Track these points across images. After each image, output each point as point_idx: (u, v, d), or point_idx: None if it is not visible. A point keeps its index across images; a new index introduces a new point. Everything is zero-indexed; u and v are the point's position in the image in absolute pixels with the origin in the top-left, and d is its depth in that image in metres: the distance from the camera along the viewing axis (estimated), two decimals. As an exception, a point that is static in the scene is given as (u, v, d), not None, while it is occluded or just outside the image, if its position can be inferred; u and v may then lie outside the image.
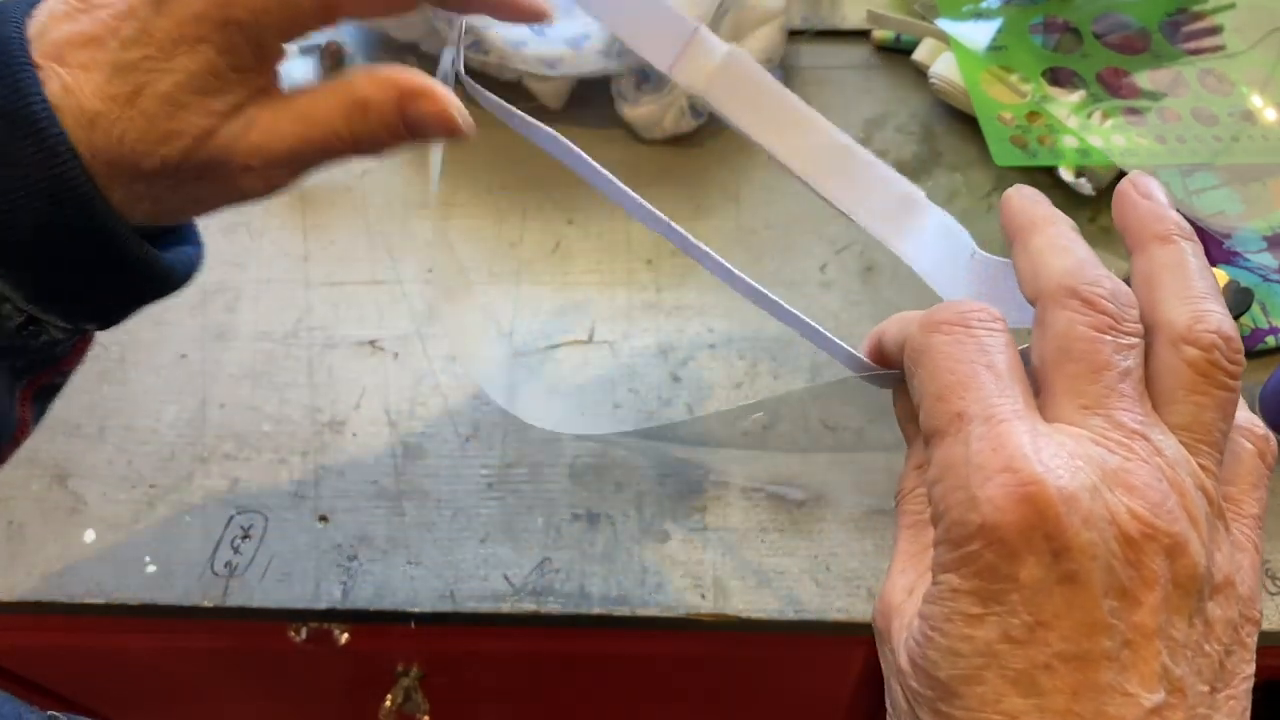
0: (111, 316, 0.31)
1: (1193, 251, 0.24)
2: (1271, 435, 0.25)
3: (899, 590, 0.24)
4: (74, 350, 0.33)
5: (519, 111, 0.32)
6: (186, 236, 0.33)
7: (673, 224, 0.31)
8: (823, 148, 0.35)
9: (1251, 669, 0.22)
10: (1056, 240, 0.25)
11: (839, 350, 0.29)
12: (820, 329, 0.29)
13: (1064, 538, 0.20)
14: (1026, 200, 0.27)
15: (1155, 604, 0.20)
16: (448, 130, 0.29)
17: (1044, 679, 0.20)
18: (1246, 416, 0.24)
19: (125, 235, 0.27)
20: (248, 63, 0.26)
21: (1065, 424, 0.22)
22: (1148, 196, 0.26)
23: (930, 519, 0.23)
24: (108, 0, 0.26)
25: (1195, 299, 0.23)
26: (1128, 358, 0.22)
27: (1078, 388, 0.22)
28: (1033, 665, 0.20)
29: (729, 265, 0.30)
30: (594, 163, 0.31)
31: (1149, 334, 0.23)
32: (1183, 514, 0.21)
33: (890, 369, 0.28)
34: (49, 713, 0.29)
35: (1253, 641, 0.22)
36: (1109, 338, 0.22)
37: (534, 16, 0.32)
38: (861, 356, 0.29)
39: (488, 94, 0.32)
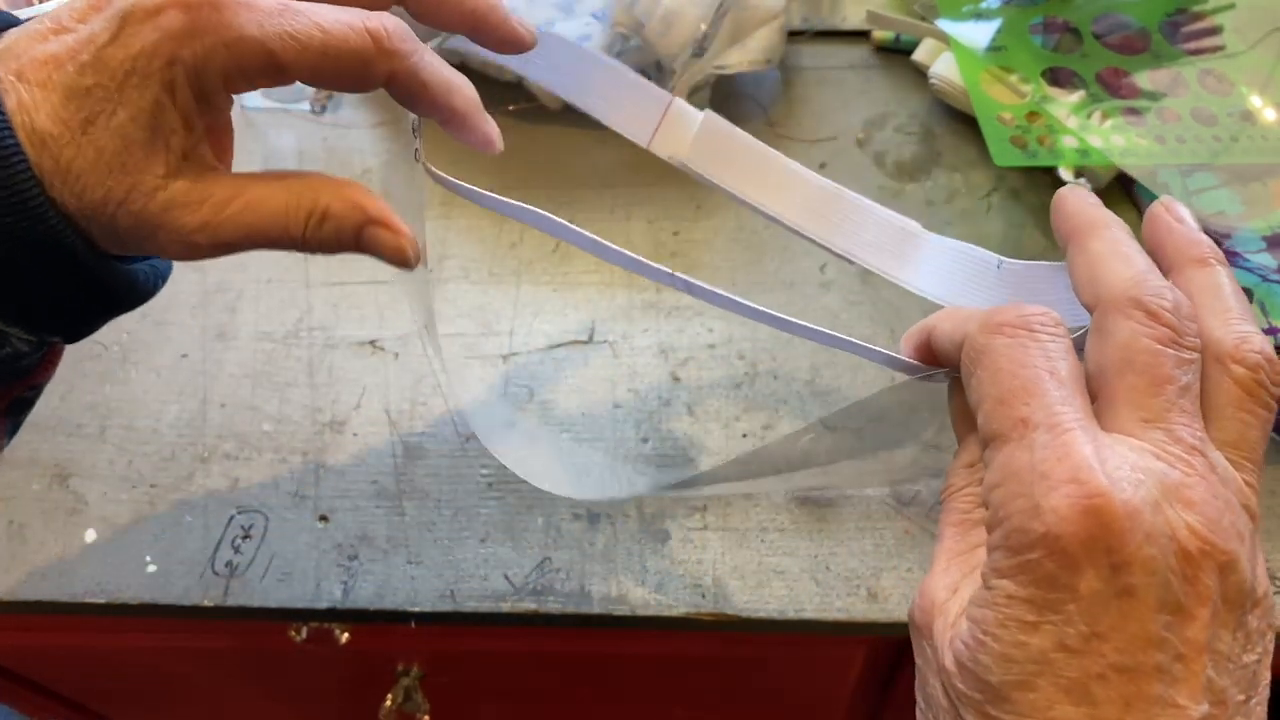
0: (76, 328, 0.31)
1: (1228, 275, 0.25)
2: (1260, 355, 0.25)
3: (942, 588, 0.24)
4: (43, 363, 0.33)
5: (491, 194, 0.32)
6: None
7: (691, 281, 0.31)
8: (811, 196, 0.35)
9: (1268, 676, 0.22)
10: (1117, 246, 0.25)
11: (881, 357, 0.29)
12: (859, 342, 0.30)
13: (1125, 552, 0.20)
14: (1082, 202, 0.27)
15: (1206, 619, 0.21)
16: (399, 262, 0.31)
17: (1097, 689, 0.20)
18: (1235, 332, 0.25)
19: (79, 247, 0.27)
20: (190, 110, 0.26)
21: (1125, 435, 0.22)
22: (1181, 221, 0.26)
23: (984, 521, 0.23)
24: (74, 26, 0.26)
25: (1237, 321, 0.24)
26: (1188, 373, 0.23)
27: (1139, 400, 0.22)
28: (1086, 675, 0.20)
29: (753, 305, 0.31)
30: (581, 231, 0.31)
31: (1205, 346, 0.24)
32: (1234, 531, 0.21)
33: (937, 366, 0.28)
34: None
35: (1271, 652, 0.23)
36: (1172, 351, 0.22)
37: (515, 46, 0.32)
38: (904, 359, 0.29)
39: (453, 181, 0.32)
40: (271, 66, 0.26)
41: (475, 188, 0.32)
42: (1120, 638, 0.20)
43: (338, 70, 0.27)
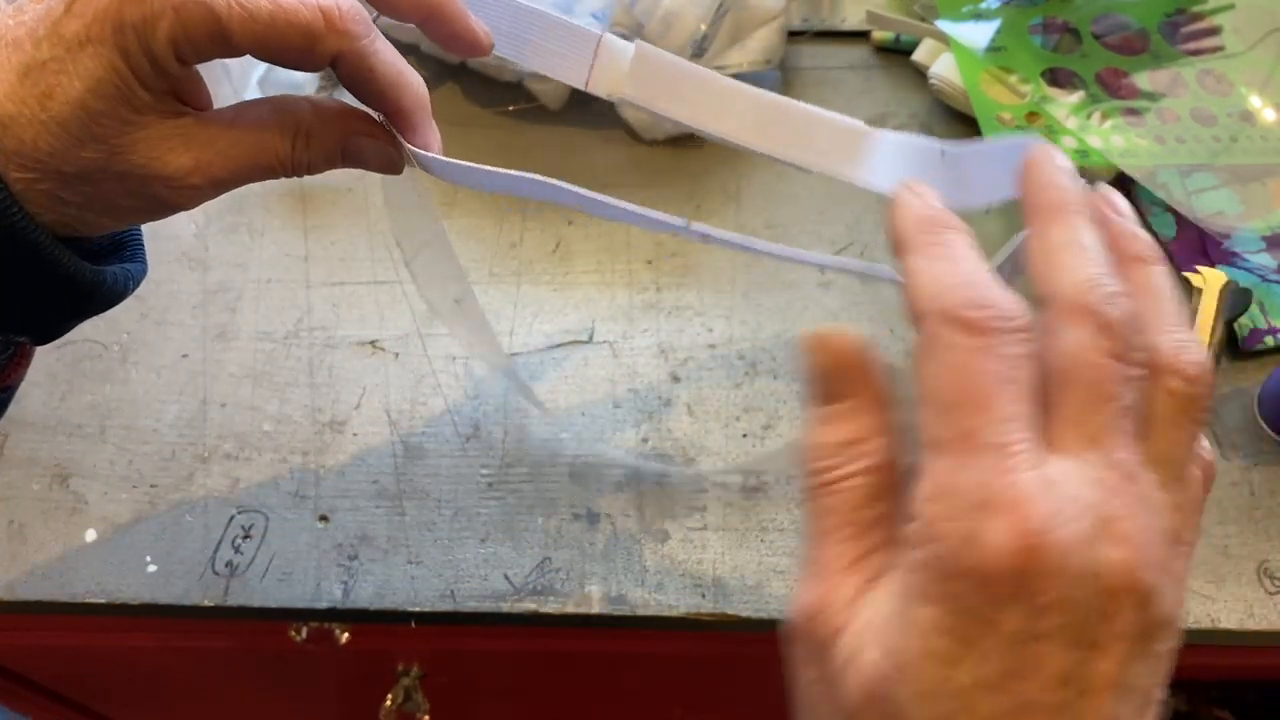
0: (43, 328, 0.31)
1: (1167, 276, 0.24)
2: (1201, 368, 0.23)
3: (840, 600, 0.22)
4: (12, 364, 0.33)
5: (480, 166, 0.31)
6: (133, 254, 0.33)
7: (690, 223, 0.31)
8: (754, 110, 0.35)
9: (1162, 692, 0.22)
10: (1077, 238, 0.23)
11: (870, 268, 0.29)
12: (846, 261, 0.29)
13: (1051, 594, 0.20)
14: (1052, 173, 0.24)
15: (1120, 656, 0.20)
16: (387, 168, 0.31)
17: None
18: (1174, 344, 0.23)
19: (45, 243, 0.27)
20: (149, 75, 0.26)
21: (1066, 452, 0.21)
22: (1120, 214, 0.25)
23: (903, 533, 0.22)
24: (33, 7, 0.26)
25: (1174, 328, 0.23)
26: (1132, 391, 0.21)
27: (1081, 416, 0.21)
28: (998, 712, 0.20)
29: (772, 245, 0.30)
30: (571, 187, 0.31)
31: None
32: (1159, 563, 0.21)
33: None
34: None
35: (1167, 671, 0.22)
36: (1119, 367, 0.21)
37: (469, 47, 0.32)
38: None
39: (441, 159, 0.32)
40: (218, 33, 0.26)
41: (463, 162, 0.31)
42: (1037, 677, 0.20)
43: (284, 43, 0.27)
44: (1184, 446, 0.22)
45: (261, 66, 0.59)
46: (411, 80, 0.30)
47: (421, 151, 0.31)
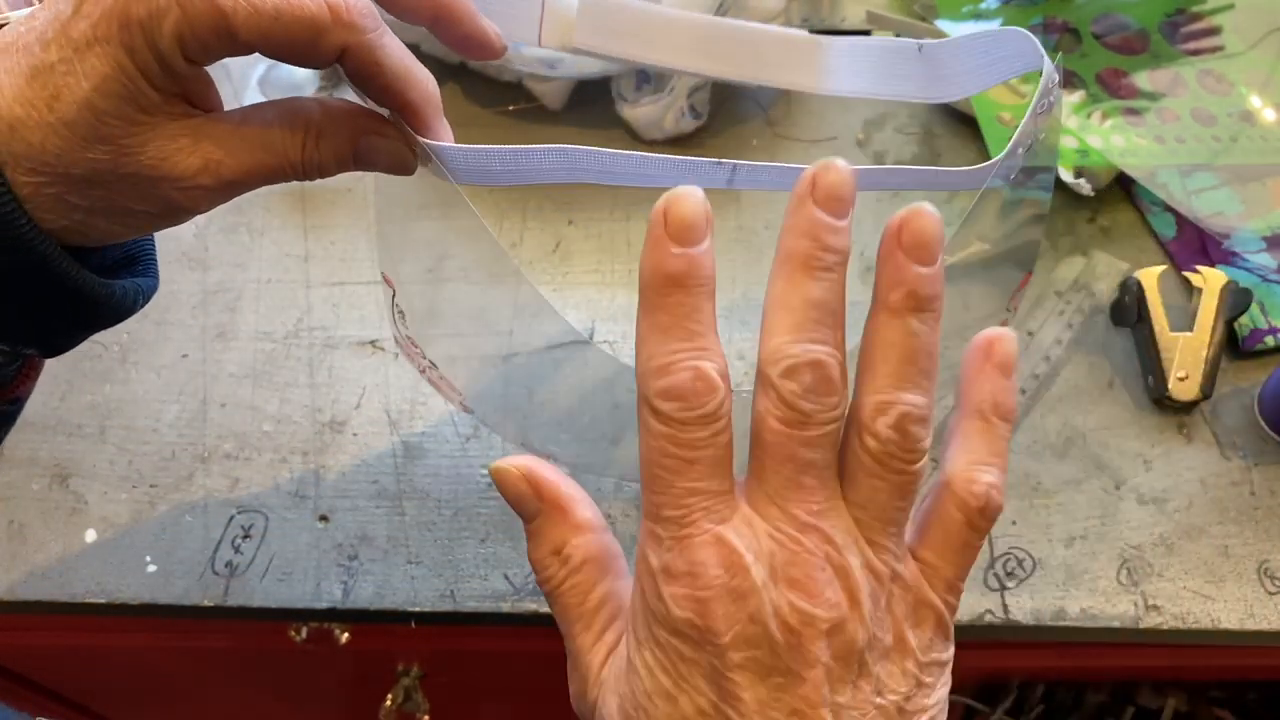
0: (51, 340, 0.31)
1: (918, 326, 0.24)
2: (991, 500, 0.25)
3: (594, 681, 0.26)
4: (20, 376, 0.32)
5: (495, 147, 0.30)
6: (146, 269, 0.33)
7: (738, 163, 0.30)
8: (703, 36, 0.35)
9: (936, 696, 0.25)
10: (789, 297, 0.24)
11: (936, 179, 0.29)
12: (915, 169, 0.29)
13: (731, 634, 0.23)
14: (807, 215, 0.24)
15: (818, 679, 0.23)
16: (399, 167, 0.31)
17: None
18: (967, 479, 0.25)
19: (53, 254, 0.27)
20: (156, 74, 0.26)
21: (751, 509, 0.24)
22: (909, 249, 0.25)
23: (632, 593, 0.25)
24: (42, 11, 0.26)
25: (891, 387, 0.24)
26: (813, 450, 0.23)
27: (764, 475, 0.24)
28: None
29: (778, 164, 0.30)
30: (603, 150, 0.31)
31: (853, 408, 0.25)
32: (843, 598, 0.23)
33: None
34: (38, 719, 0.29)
35: (936, 678, 0.25)
36: (796, 432, 0.23)
37: (481, 49, 0.32)
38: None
39: (457, 147, 0.31)
40: (224, 28, 0.26)
41: (481, 146, 0.31)
42: (742, 703, 0.23)
43: (290, 37, 0.26)
44: (886, 494, 0.24)
45: (262, 66, 0.59)
46: (420, 75, 0.30)
47: (436, 143, 0.31)
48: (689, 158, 0.31)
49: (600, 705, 0.26)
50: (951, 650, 0.26)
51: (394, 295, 0.36)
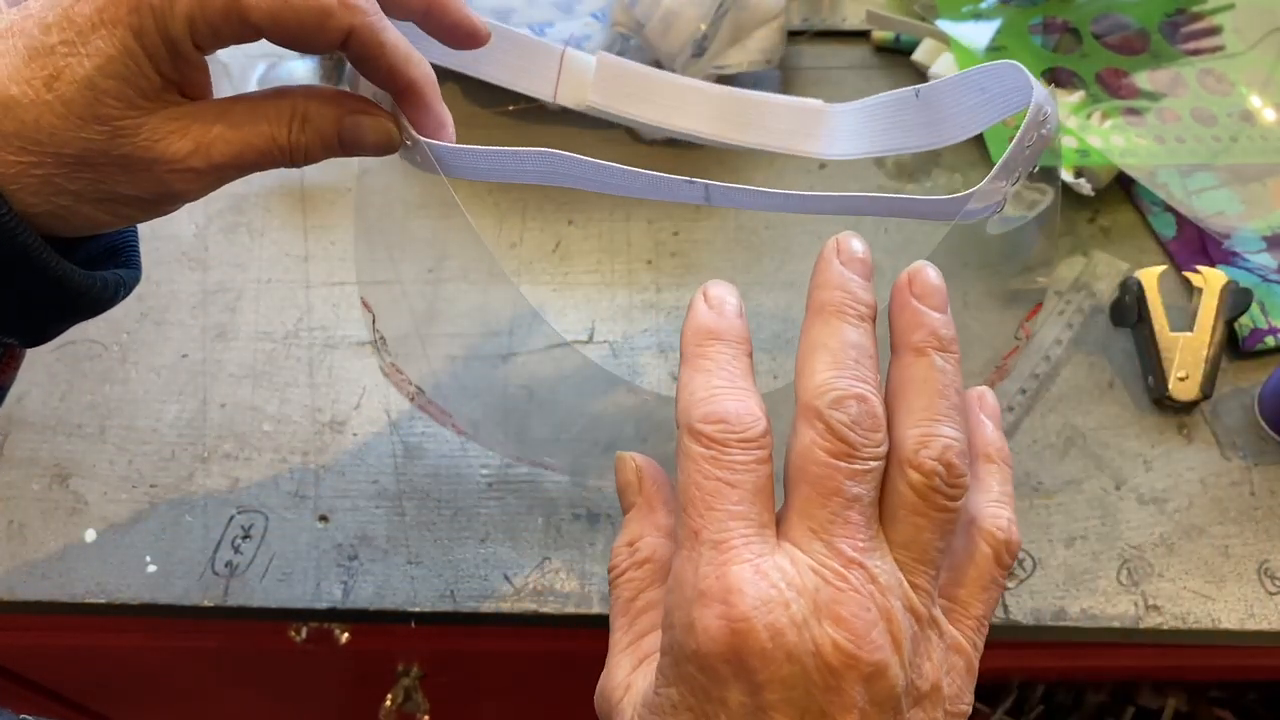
0: (34, 331, 0.31)
1: (942, 364, 0.25)
2: (1013, 536, 0.26)
3: (618, 685, 0.26)
4: (1, 365, 0.32)
5: (488, 148, 0.31)
6: (128, 261, 0.33)
7: (711, 185, 0.30)
8: (714, 106, 0.35)
9: None
10: (829, 340, 0.25)
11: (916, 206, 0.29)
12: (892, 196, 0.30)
13: (766, 671, 0.22)
14: (833, 270, 0.26)
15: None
16: (385, 145, 0.31)
17: None
18: (992, 515, 0.26)
19: (34, 244, 0.27)
20: (163, 58, 0.26)
21: (792, 544, 0.23)
22: (921, 297, 0.26)
23: (658, 619, 0.25)
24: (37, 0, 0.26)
25: (929, 421, 0.24)
26: (859, 484, 0.23)
27: (808, 510, 0.23)
28: None
29: (780, 191, 0.30)
30: (587, 160, 0.31)
31: (893, 446, 0.24)
32: (887, 640, 0.22)
33: None
34: (21, 716, 0.29)
35: None
36: (843, 464, 0.23)
37: (469, 39, 0.32)
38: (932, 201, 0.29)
39: (450, 146, 0.31)
40: (235, 11, 0.26)
41: (473, 147, 0.31)
42: None
43: (298, 20, 0.26)
44: (929, 533, 0.24)
45: (261, 65, 0.59)
46: (419, 57, 0.30)
47: (428, 140, 0.31)
48: (667, 176, 0.31)
49: (619, 713, 0.25)
50: (971, 697, 0.25)
51: (374, 320, 0.36)
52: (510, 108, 0.58)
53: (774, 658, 0.22)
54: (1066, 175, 0.52)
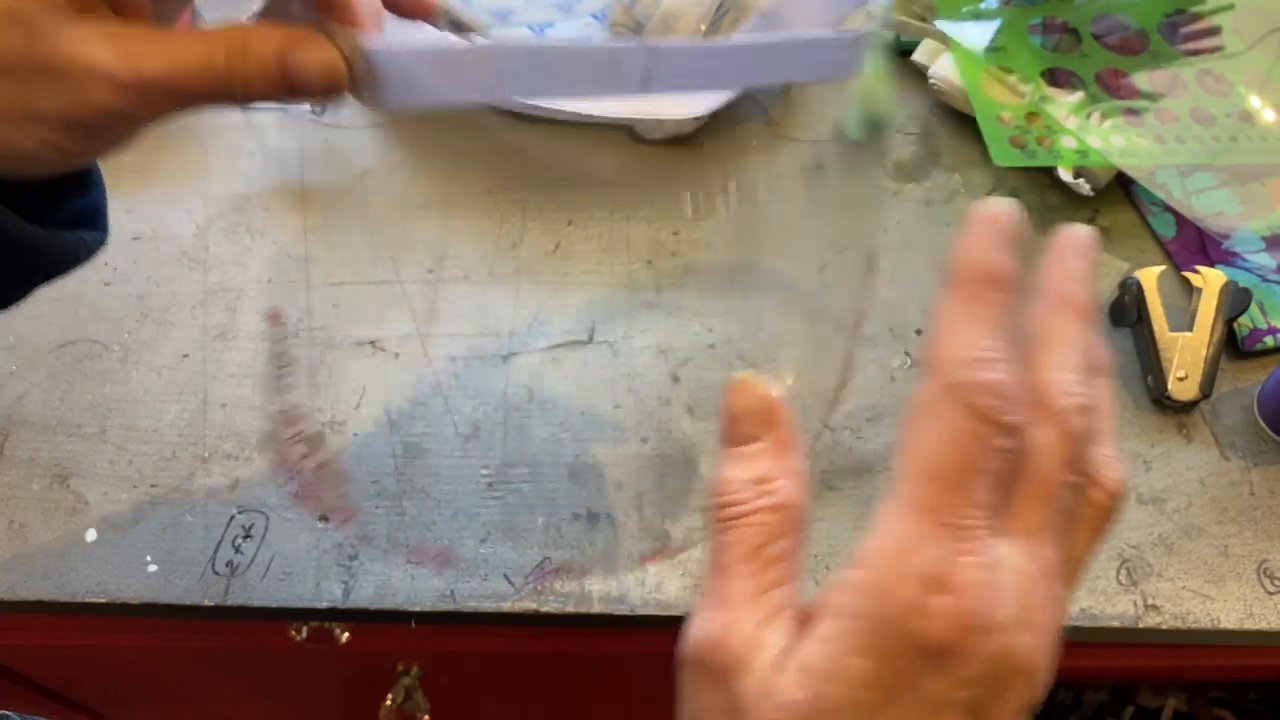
0: None
1: (1111, 387, 0.25)
2: (1123, 485, 0.25)
3: (746, 642, 0.23)
4: None
5: (438, 49, 0.29)
6: (95, 224, 0.32)
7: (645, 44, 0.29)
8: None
9: None
10: (1071, 338, 0.24)
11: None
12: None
13: (972, 669, 0.21)
14: (1075, 263, 0.25)
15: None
16: (331, 79, 0.28)
17: None
18: (1107, 459, 0.24)
19: None
20: None
21: (1008, 537, 0.22)
22: (1079, 255, 0.25)
23: (847, 580, 0.22)
24: None
25: (1108, 442, 0.24)
26: (1071, 496, 0.23)
27: (1028, 508, 0.23)
28: None
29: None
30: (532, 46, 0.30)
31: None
32: (1051, 652, 0.22)
33: None
34: (2, 712, 0.28)
35: None
36: (1066, 474, 0.23)
37: (421, 8, 0.31)
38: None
39: (399, 51, 0.29)
40: None
41: (424, 48, 0.29)
42: None
43: None
44: (1090, 552, 0.24)
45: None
46: None
47: (369, 45, 0.29)
48: (608, 46, 0.30)
49: (768, 684, 0.22)
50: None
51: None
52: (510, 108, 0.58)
53: (982, 657, 0.21)
54: (1065, 175, 0.52)
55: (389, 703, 0.57)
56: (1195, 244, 0.52)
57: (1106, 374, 0.25)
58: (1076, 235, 0.26)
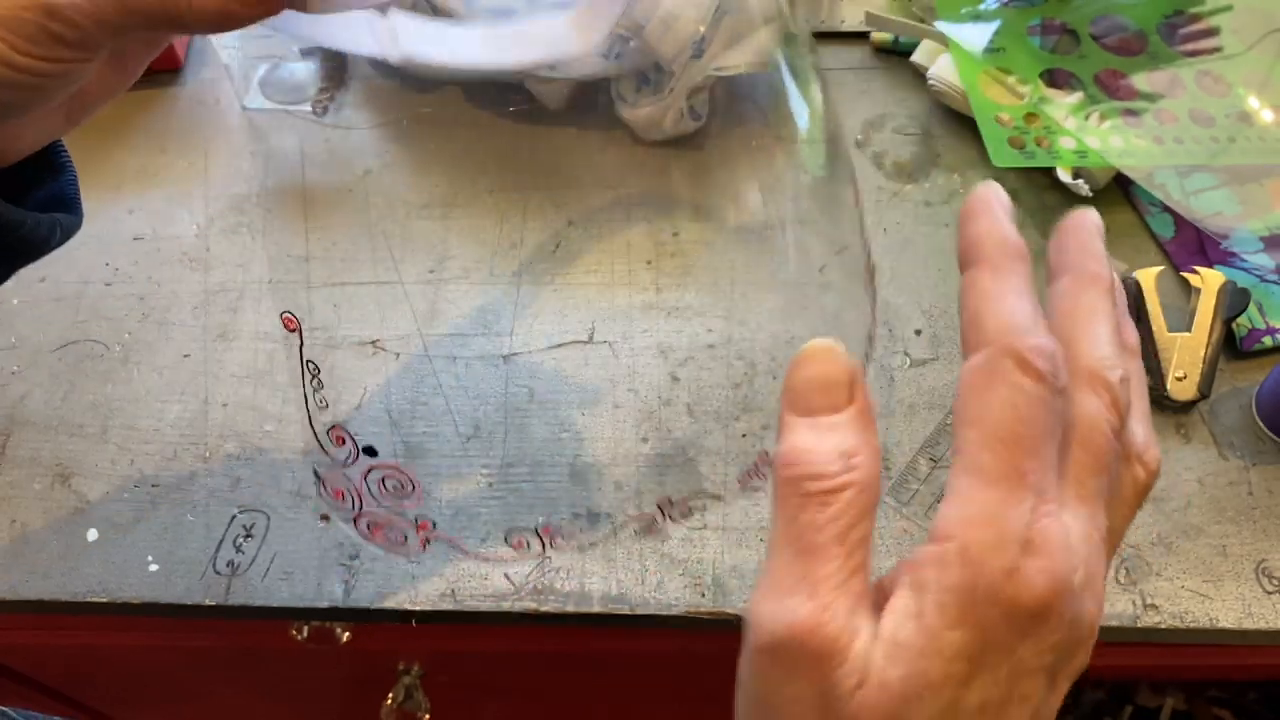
0: None
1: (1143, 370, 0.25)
2: (1160, 464, 0.25)
3: (842, 629, 0.22)
4: None
5: None
6: (69, 208, 0.32)
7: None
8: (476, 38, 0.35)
9: None
10: (1106, 312, 0.24)
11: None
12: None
13: (1058, 634, 0.21)
14: (1094, 241, 0.26)
15: (1061, 694, 0.22)
16: None
17: None
18: (1145, 436, 0.25)
19: None
20: None
21: (1067, 505, 0.22)
22: (1099, 236, 0.26)
23: (935, 555, 0.22)
24: None
25: (1145, 420, 0.25)
26: (1118, 466, 0.23)
27: (1083, 477, 0.23)
28: None
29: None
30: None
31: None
32: (1099, 617, 0.23)
33: None
34: (1, 709, 0.28)
35: None
36: (1115, 443, 0.23)
37: None
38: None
39: None
40: None
41: None
42: (1023, 706, 0.22)
43: None
44: (1126, 524, 0.24)
45: (262, 67, 0.59)
46: None
47: None
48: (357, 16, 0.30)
49: (864, 668, 0.22)
50: None
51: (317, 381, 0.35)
52: (510, 108, 0.58)
53: (1064, 621, 0.21)
54: (1064, 176, 0.53)
55: (390, 702, 0.57)
56: (1194, 244, 0.52)
57: (1137, 354, 0.25)
58: (1090, 218, 0.26)
